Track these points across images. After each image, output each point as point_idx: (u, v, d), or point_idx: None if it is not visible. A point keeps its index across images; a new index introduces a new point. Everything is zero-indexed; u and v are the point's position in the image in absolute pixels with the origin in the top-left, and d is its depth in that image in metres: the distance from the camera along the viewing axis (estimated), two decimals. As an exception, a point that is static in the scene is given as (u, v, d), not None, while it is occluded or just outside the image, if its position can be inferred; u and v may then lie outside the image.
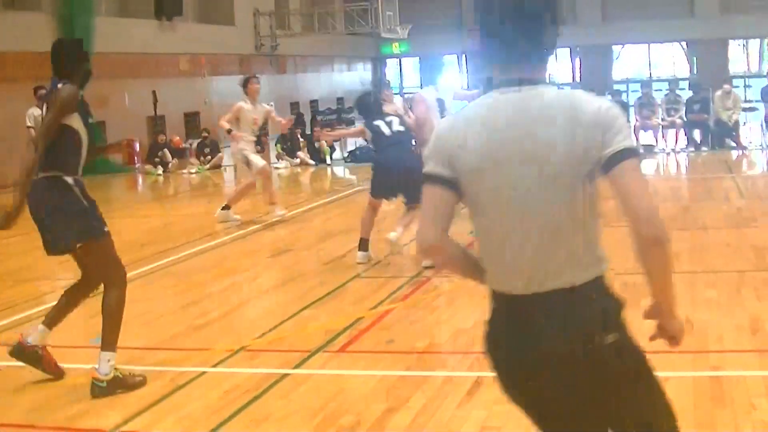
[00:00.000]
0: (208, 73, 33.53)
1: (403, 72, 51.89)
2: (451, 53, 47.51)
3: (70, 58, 7.08)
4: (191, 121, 32.31)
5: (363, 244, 10.97)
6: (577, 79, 46.69)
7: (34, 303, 9.68)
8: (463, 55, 47.84)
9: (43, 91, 17.88)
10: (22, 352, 7.10)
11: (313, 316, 8.71)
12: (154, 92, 29.30)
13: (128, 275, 7.13)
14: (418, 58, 49.74)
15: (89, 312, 7.72)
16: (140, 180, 24.56)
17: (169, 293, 9.97)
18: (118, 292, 6.90)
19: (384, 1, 35.41)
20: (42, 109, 7.12)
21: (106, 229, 6.91)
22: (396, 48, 48.02)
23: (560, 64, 47.07)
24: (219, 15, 35.34)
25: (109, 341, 6.79)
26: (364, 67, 50.32)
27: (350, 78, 47.08)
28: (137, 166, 26.00)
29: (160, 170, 25.09)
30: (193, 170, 25.18)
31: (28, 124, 18.63)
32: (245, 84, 14.89)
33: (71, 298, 7.23)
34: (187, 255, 12.13)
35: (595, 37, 44.49)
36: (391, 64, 52.81)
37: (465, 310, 8.42)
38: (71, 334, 7.89)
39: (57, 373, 7.16)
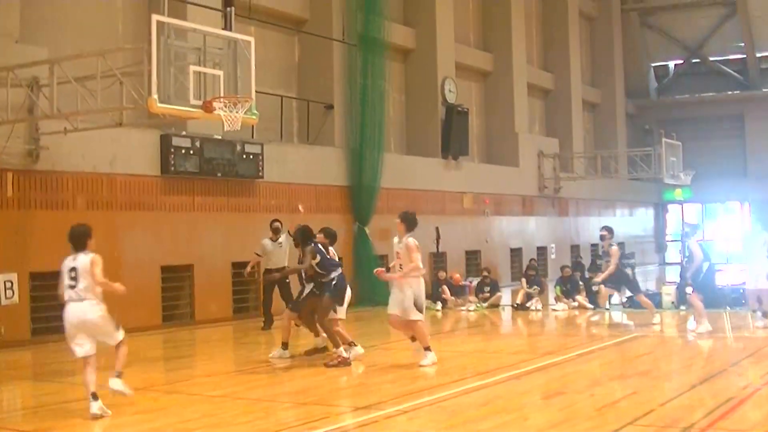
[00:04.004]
0: (490, 212, 34.01)
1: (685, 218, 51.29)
2: (733, 200, 47.30)
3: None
4: (472, 259, 32.74)
5: None
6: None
7: (302, 428, 9.84)
8: (746, 203, 47.77)
9: (278, 224, 20.35)
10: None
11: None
12: (437, 228, 29.89)
13: (396, 408, 7.28)
14: (700, 204, 49.29)
15: None
16: (418, 314, 24.85)
17: (437, 427, 9.99)
18: None
19: (667, 147, 35.09)
20: (275, 241, 14.45)
21: None
22: (678, 194, 47.50)
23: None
24: (504, 156, 36.02)
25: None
26: (646, 212, 49.78)
27: (631, 223, 46.63)
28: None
29: (439, 306, 25.42)
30: (472, 308, 25.36)
31: (257, 252, 20.32)
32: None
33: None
34: (459, 391, 12.14)
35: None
36: (673, 210, 52.13)
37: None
38: None
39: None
